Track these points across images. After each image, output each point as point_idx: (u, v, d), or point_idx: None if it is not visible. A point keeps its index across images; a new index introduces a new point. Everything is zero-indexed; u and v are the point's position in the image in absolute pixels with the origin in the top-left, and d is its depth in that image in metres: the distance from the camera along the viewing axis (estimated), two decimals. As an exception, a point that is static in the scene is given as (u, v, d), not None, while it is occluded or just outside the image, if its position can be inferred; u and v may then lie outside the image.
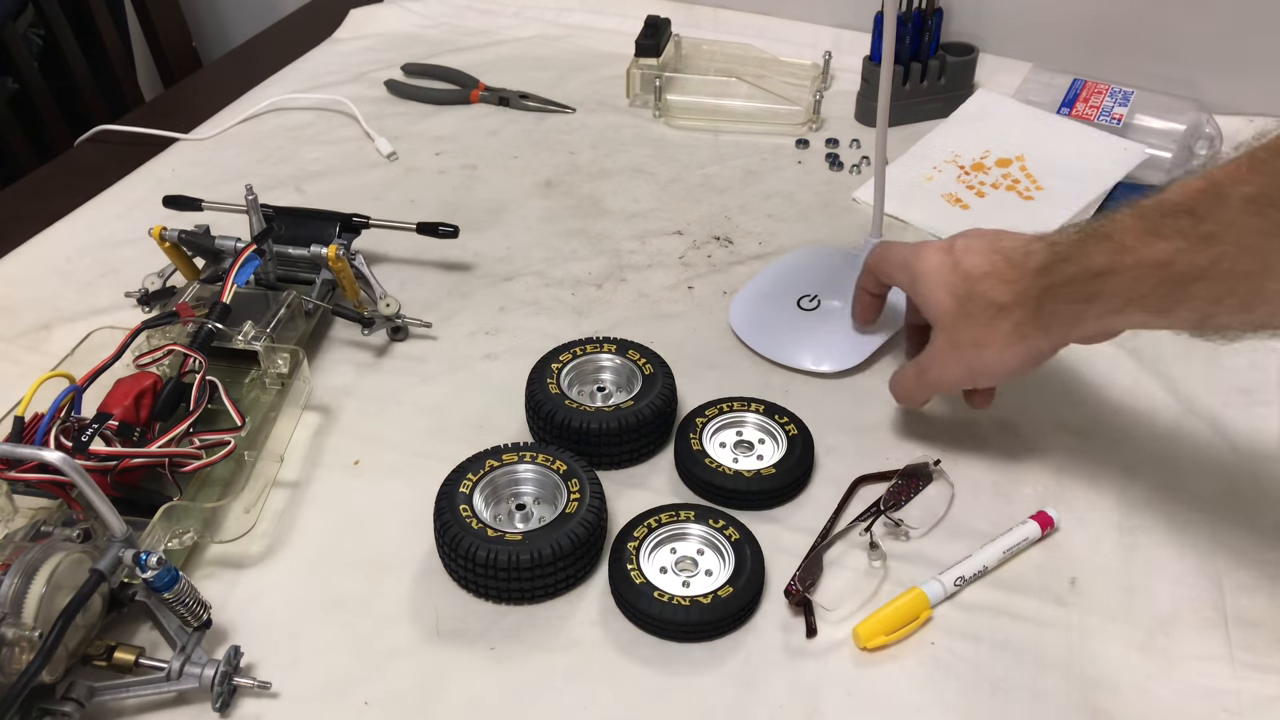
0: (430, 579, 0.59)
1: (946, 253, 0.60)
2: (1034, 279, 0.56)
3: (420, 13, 1.22)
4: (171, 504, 0.56)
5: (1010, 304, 0.57)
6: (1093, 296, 0.54)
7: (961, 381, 0.62)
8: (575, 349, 0.69)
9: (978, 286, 0.58)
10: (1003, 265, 0.57)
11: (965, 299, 0.58)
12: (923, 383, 0.64)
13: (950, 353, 0.60)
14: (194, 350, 0.64)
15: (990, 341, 0.58)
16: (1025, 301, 0.56)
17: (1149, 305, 0.52)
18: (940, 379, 0.62)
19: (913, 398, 0.66)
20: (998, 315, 0.57)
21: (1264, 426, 0.68)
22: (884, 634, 0.55)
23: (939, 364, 0.61)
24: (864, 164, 0.96)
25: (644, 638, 0.56)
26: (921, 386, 0.64)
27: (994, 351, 0.58)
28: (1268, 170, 0.47)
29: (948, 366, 0.61)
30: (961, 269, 0.59)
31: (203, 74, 1.23)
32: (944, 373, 0.61)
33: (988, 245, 0.59)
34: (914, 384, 0.65)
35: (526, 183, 0.94)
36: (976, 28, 1.04)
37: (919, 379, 0.64)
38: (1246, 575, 0.59)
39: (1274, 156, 0.47)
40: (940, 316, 0.60)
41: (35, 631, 0.47)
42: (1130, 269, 0.52)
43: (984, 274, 0.58)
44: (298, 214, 0.79)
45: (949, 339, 0.60)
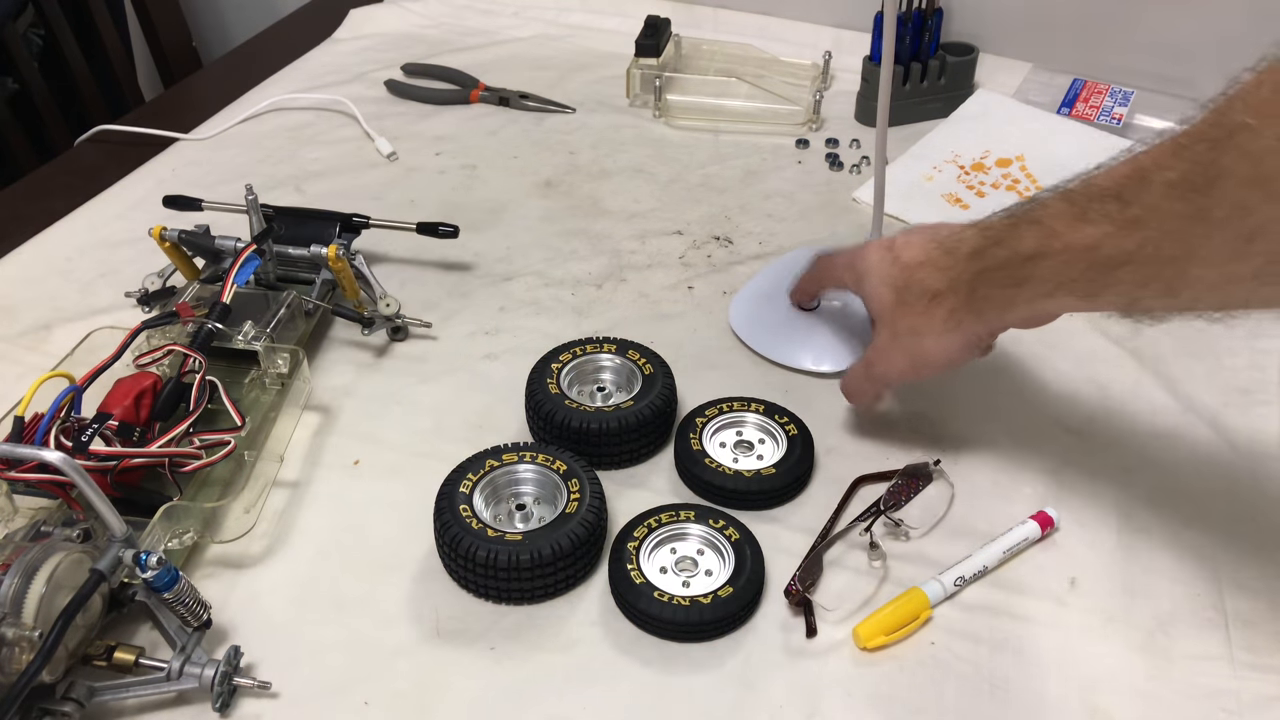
0: (430, 579, 0.59)
1: (888, 249, 0.61)
2: (966, 264, 0.57)
3: (420, 13, 1.22)
4: (171, 504, 0.56)
5: (944, 290, 0.57)
6: (1023, 280, 0.54)
7: (906, 373, 0.62)
8: (575, 349, 0.69)
9: (914, 275, 0.59)
10: (937, 253, 0.58)
11: (903, 289, 0.59)
12: (870, 376, 0.64)
13: (892, 344, 0.61)
14: (194, 350, 0.64)
15: (927, 329, 0.59)
16: (958, 287, 0.57)
17: (1077, 289, 0.52)
18: (886, 372, 0.63)
19: (863, 394, 0.67)
20: (932, 302, 0.58)
21: (1264, 426, 0.68)
22: (884, 634, 0.55)
23: (883, 357, 0.62)
24: (864, 164, 0.96)
25: (644, 638, 0.56)
26: (869, 381, 0.65)
27: (931, 339, 0.59)
28: (1189, 155, 0.47)
29: (892, 359, 0.62)
30: (900, 261, 0.60)
31: (203, 74, 1.23)
32: (889, 365, 0.62)
33: (926, 237, 0.60)
34: (862, 380, 0.65)
35: (526, 183, 0.94)
36: (976, 28, 1.04)
37: (866, 373, 0.64)
38: (1246, 575, 0.59)
39: (1195, 141, 0.47)
40: (881, 310, 0.61)
41: (35, 631, 0.47)
42: (1059, 253, 0.52)
43: (920, 263, 0.59)
44: (298, 214, 0.79)
45: (890, 330, 0.61)
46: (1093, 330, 0.75)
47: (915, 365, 0.61)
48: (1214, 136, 0.45)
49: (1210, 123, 0.46)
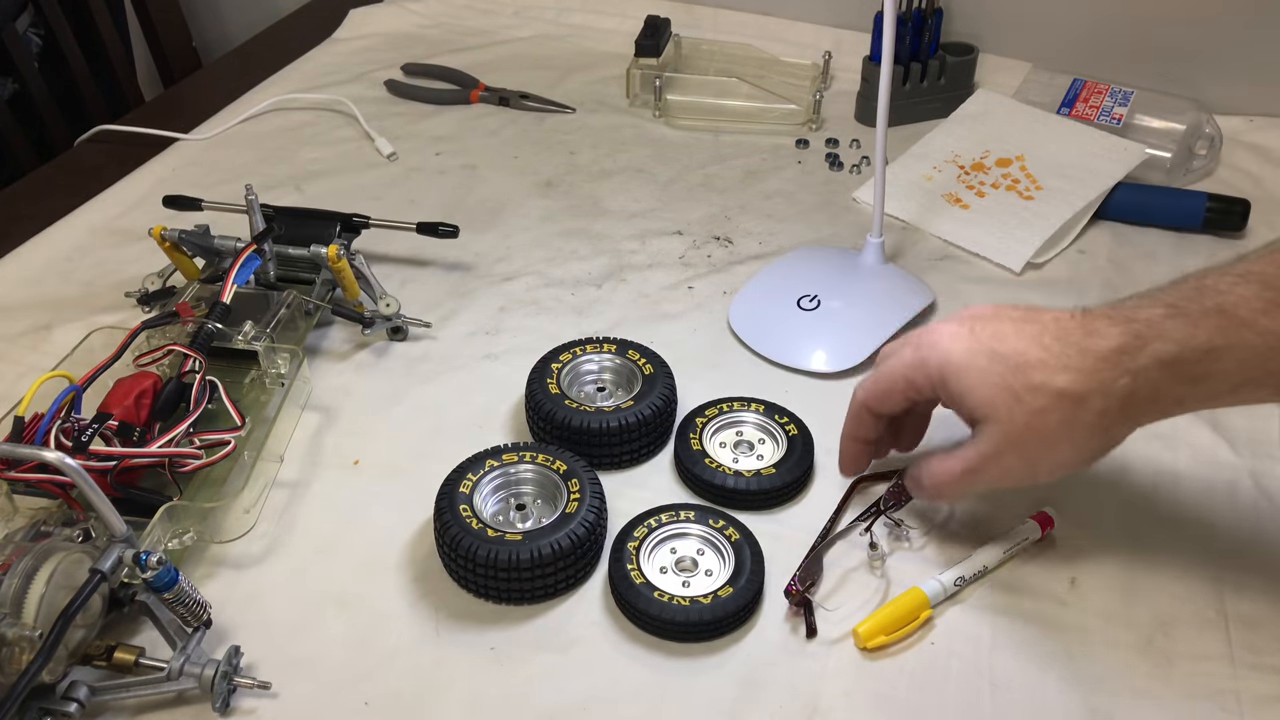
0: (430, 579, 0.59)
1: (970, 336, 0.52)
2: (1115, 362, 0.49)
3: (420, 13, 1.22)
4: (171, 504, 0.56)
5: (1088, 394, 0.49)
6: (1201, 378, 0.48)
7: (1023, 480, 0.53)
8: (575, 349, 0.69)
9: (1034, 377, 0.50)
10: (1058, 347, 0.50)
11: (1023, 392, 0.50)
12: (973, 482, 0.54)
13: (1012, 451, 0.51)
14: (194, 350, 0.64)
15: (1065, 437, 0.50)
16: (1109, 390, 0.49)
17: (1275, 382, 0.47)
18: (998, 478, 0.53)
19: (952, 496, 0.58)
20: (1075, 407, 0.49)
21: (1264, 426, 0.68)
22: (884, 634, 0.55)
23: (996, 463, 0.52)
24: (864, 164, 0.96)
25: (644, 638, 0.56)
26: (969, 486, 0.54)
27: (1068, 448, 0.51)
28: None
29: (1008, 465, 0.52)
30: (1002, 355, 0.51)
31: (203, 74, 1.23)
32: (1003, 472, 0.52)
33: (1019, 326, 0.51)
34: (960, 484, 0.54)
35: (526, 183, 0.94)
36: (976, 28, 1.04)
37: (968, 479, 0.53)
38: (1246, 575, 0.59)
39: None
40: (992, 414, 0.51)
41: (35, 631, 0.47)
42: (1251, 345, 0.46)
43: (1038, 361, 0.50)
44: (298, 214, 0.79)
45: (1008, 438, 0.51)
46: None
47: (1038, 473, 0.52)
48: None
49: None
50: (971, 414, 0.53)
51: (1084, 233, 0.86)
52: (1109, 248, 0.85)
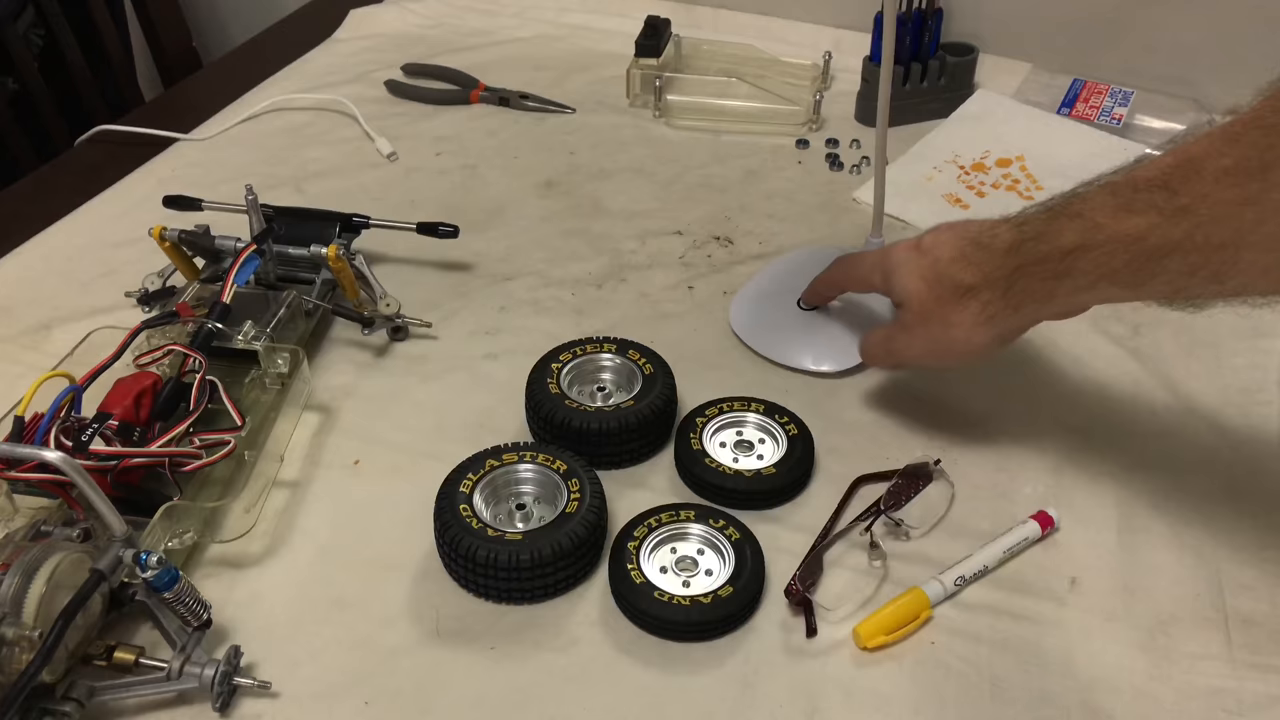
0: (430, 579, 0.59)
1: (915, 247, 0.62)
2: (1002, 259, 0.57)
3: (420, 13, 1.22)
4: (171, 504, 0.56)
5: (978, 285, 0.58)
6: (1064, 274, 0.54)
7: (925, 358, 0.63)
8: (575, 349, 0.69)
9: (946, 270, 0.59)
10: (969, 248, 0.58)
11: (934, 282, 0.59)
12: (888, 350, 0.65)
13: (919, 328, 0.61)
14: (194, 350, 0.64)
15: (958, 321, 0.59)
16: (994, 282, 0.57)
17: (1121, 280, 0.52)
18: (904, 351, 0.64)
19: (877, 361, 0.68)
20: (966, 296, 0.58)
21: (1264, 426, 0.68)
22: (884, 634, 0.55)
23: (905, 337, 0.63)
24: (864, 164, 0.96)
25: (644, 638, 0.56)
26: (887, 354, 0.66)
27: (961, 331, 0.59)
28: (1245, 142, 0.47)
29: (913, 342, 0.62)
30: (930, 256, 0.60)
31: (203, 74, 1.23)
32: (908, 347, 0.63)
33: (956, 234, 0.60)
34: (880, 349, 0.66)
35: (526, 183, 0.94)
36: (976, 28, 1.04)
37: (885, 346, 0.65)
38: (1246, 575, 0.59)
39: (1249, 129, 0.48)
40: (910, 299, 0.61)
41: (35, 631, 0.47)
42: (1102, 245, 0.52)
43: (951, 258, 0.59)
44: (298, 214, 0.79)
45: (918, 316, 0.61)
46: (1093, 330, 0.75)
47: (936, 353, 0.62)
48: (1271, 123, 0.46)
49: (1268, 109, 0.47)
50: (898, 300, 0.63)
51: (1084, 233, 0.86)
52: (1109, 248, 0.85)
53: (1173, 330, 0.75)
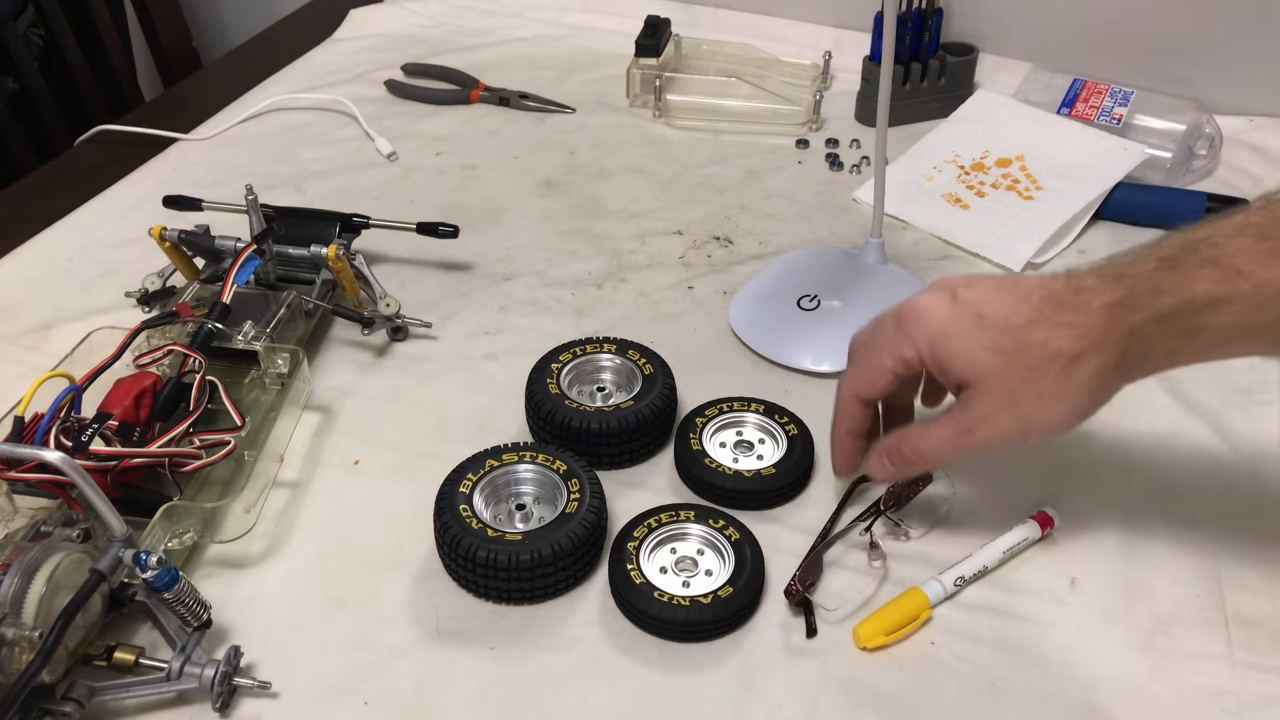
0: (430, 579, 0.59)
1: (952, 301, 0.51)
2: (1107, 318, 0.48)
3: (420, 13, 1.22)
4: (171, 504, 0.56)
5: (1084, 352, 0.48)
6: (1194, 331, 0.47)
7: (1015, 441, 0.51)
8: (575, 349, 0.69)
9: (1029, 337, 0.49)
10: (1050, 309, 0.49)
11: (1015, 353, 0.49)
12: (966, 446, 0.52)
13: (1006, 412, 0.50)
14: (194, 350, 0.64)
15: (1061, 394, 0.49)
16: (1103, 346, 0.48)
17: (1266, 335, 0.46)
18: (990, 440, 0.51)
19: (944, 461, 0.55)
20: (1071, 365, 0.48)
21: (1264, 426, 0.68)
22: (884, 634, 0.55)
23: (988, 425, 0.51)
24: (864, 164, 0.96)
25: (644, 638, 0.56)
26: (962, 451, 0.53)
27: (1066, 404, 0.49)
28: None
29: (1000, 427, 0.51)
30: (989, 318, 0.50)
31: (203, 74, 1.23)
32: (994, 434, 0.51)
33: (1002, 290, 0.50)
34: (952, 448, 0.53)
35: (526, 183, 0.94)
36: (976, 28, 1.04)
37: (961, 442, 0.52)
38: (1246, 575, 0.59)
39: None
40: (983, 376, 0.50)
41: (35, 631, 0.47)
42: (1248, 297, 0.45)
43: (1028, 321, 0.49)
44: (298, 214, 0.79)
45: (1001, 399, 0.50)
46: (1093, 330, 0.75)
47: (1029, 433, 0.51)
48: None
49: None
50: (961, 378, 0.51)
51: (1084, 233, 0.86)
52: (1109, 248, 0.85)
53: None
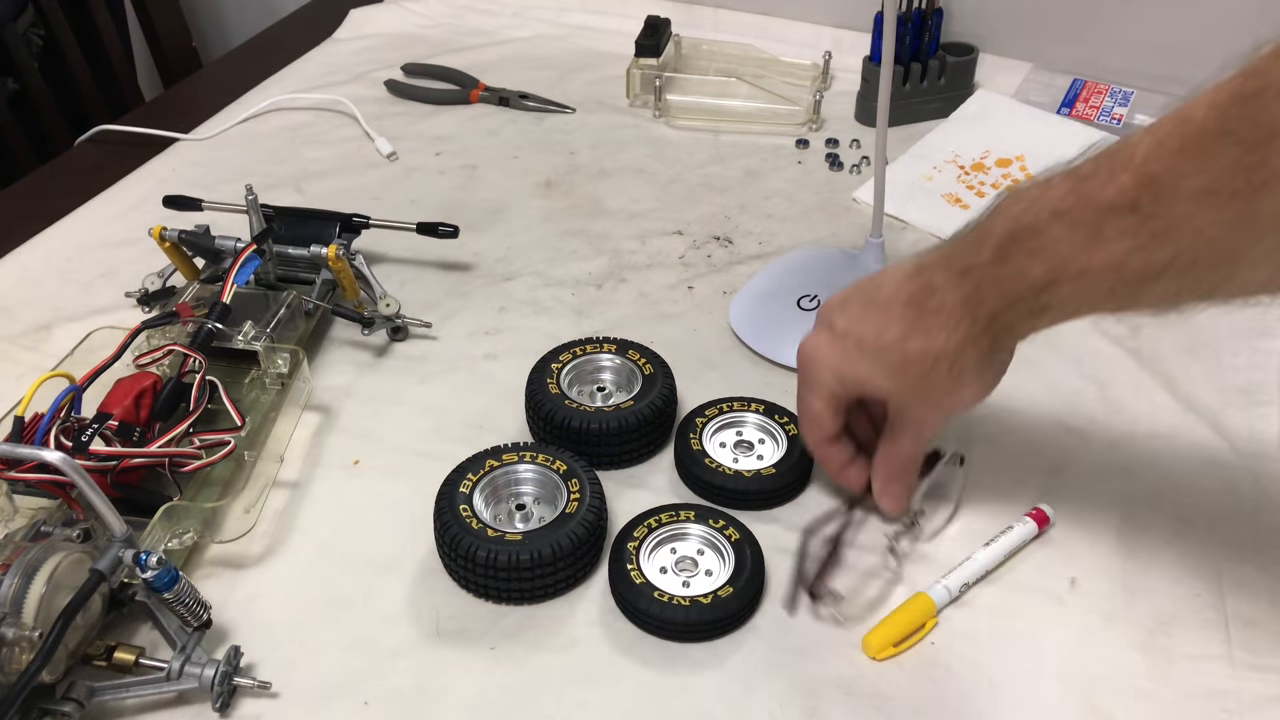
0: (430, 579, 0.59)
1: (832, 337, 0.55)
2: (963, 314, 0.51)
3: (420, 13, 1.22)
4: (171, 504, 0.56)
5: (958, 346, 0.52)
6: (1042, 309, 0.50)
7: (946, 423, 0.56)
8: (575, 349, 0.69)
9: (908, 349, 0.52)
10: (913, 315, 0.52)
11: (904, 367, 0.53)
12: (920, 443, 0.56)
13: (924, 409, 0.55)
14: (194, 350, 0.64)
15: (959, 383, 0.53)
16: (973, 336, 0.51)
17: (1106, 306, 0.48)
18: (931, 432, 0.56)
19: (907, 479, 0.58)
20: (953, 361, 0.52)
21: (1264, 426, 0.68)
22: (892, 644, 0.54)
23: (922, 424, 0.55)
24: (864, 164, 0.96)
25: (644, 638, 0.56)
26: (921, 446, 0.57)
27: (967, 389, 0.54)
28: (1219, 159, 0.42)
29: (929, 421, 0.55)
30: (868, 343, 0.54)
31: (203, 74, 1.23)
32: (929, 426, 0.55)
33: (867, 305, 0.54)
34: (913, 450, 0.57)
35: (526, 183, 0.94)
36: (976, 28, 1.04)
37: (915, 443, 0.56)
38: (1246, 575, 0.59)
39: (1218, 142, 0.42)
40: (891, 394, 0.54)
41: (35, 631, 0.47)
42: (1076, 278, 0.47)
43: (901, 334, 0.53)
44: (298, 214, 0.79)
45: (916, 403, 0.54)
46: (1093, 330, 0.75)
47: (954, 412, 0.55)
48: (1244, 135, 0.41)
49: (1232, 116, 0.42)
50: (877, 400, 0.56)
51: (1084, 233, 0.86)
52: (1109, 248, 0.85)
53: (1173, 330, 0.75)
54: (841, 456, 0.59)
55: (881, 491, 0.58)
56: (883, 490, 0.58)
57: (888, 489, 0.58)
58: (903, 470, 0.58)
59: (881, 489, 0.58)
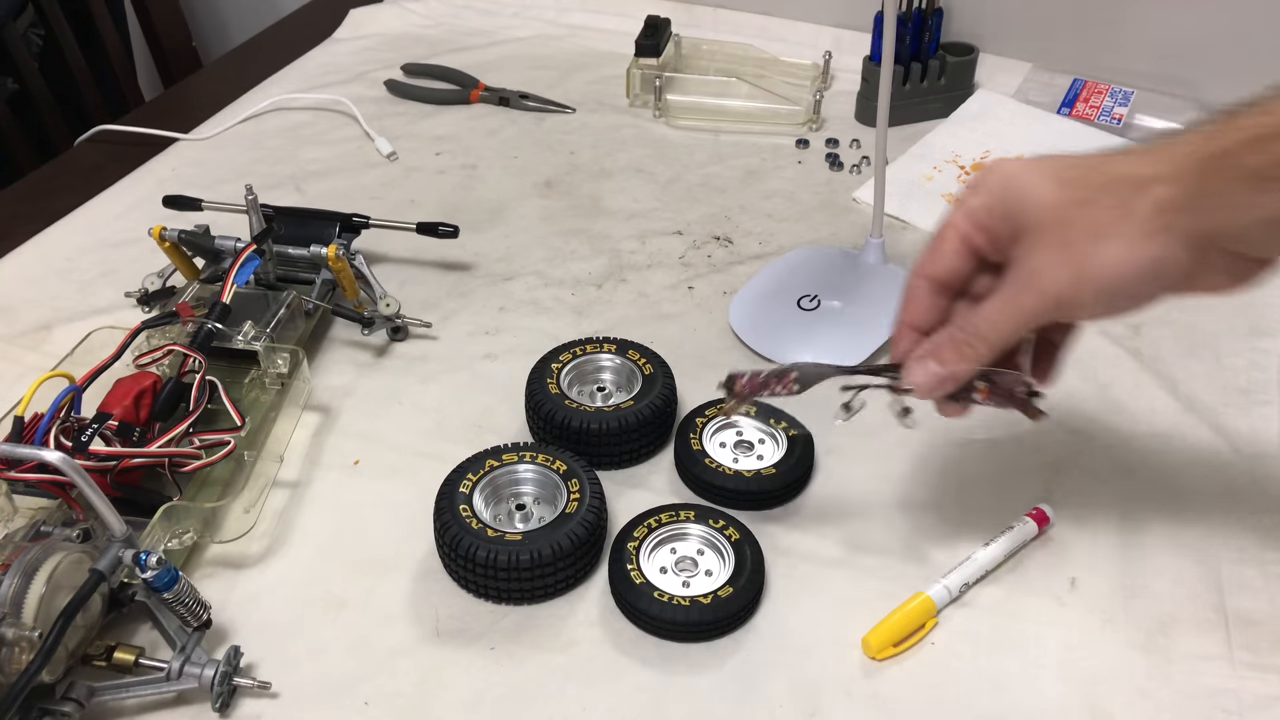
0: (430, 579, 0.59)
1: (1032, 159, 0.45)
2: (1188, 148, 0.41)
3: (420, 13, 1.22)
4: (171, 504, 0.56)
5: (1151, 178, 0.41)
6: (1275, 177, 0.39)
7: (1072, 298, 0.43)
8: (575, 349, 0.69)
9: (1100, 165, 0.42)
10: (1131, 148, 0.43)
11: (1079, 182, 0.42)
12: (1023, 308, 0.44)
13: (1058, 255, 0.42)
14: (194, 350, 0.64)
15: (1117, 229, 0.41)
16: (1179, 176, 0.41)
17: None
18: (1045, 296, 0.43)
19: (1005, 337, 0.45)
20: (1134, 191, 0.41)
21: (1264, 426, 0.68)
22: (892, 644, 0.55)
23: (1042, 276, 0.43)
24: (864, 164, 0.96)
25: (644, 638, 0.56)
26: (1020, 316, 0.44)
27: (1121, 245, 0.41)
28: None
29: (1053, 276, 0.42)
30: (1067, 158, 0.44)
31: (203, 74, 1.23)
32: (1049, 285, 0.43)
33: (1078, 158, 0.44)
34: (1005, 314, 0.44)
35: (526, 183, 0.94)
36: (976, 28, 1.04)
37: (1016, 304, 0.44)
38: (1246, 575, 0.59)
39: None
40: (1040, 214, 0.43)
41: (35, 631, 0.47)
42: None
43: (1104, 158, 0.43)
44: (298, 214, 0.79)
45: (1054, 238, 0.42)
46: (1093, 330, 0.75)
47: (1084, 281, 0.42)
48: None
49: None
50: (1021, 224, 0.43)
51: (1084, 233, 0.86)
52: (1109, 248, 0.85)
53: (1173, 330, 0.75)
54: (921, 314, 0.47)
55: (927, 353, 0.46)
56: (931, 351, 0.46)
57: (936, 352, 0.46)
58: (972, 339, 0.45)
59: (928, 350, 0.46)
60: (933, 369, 0.46)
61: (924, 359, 0.45)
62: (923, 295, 0.47)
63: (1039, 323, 0.45)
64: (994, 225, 0.45)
